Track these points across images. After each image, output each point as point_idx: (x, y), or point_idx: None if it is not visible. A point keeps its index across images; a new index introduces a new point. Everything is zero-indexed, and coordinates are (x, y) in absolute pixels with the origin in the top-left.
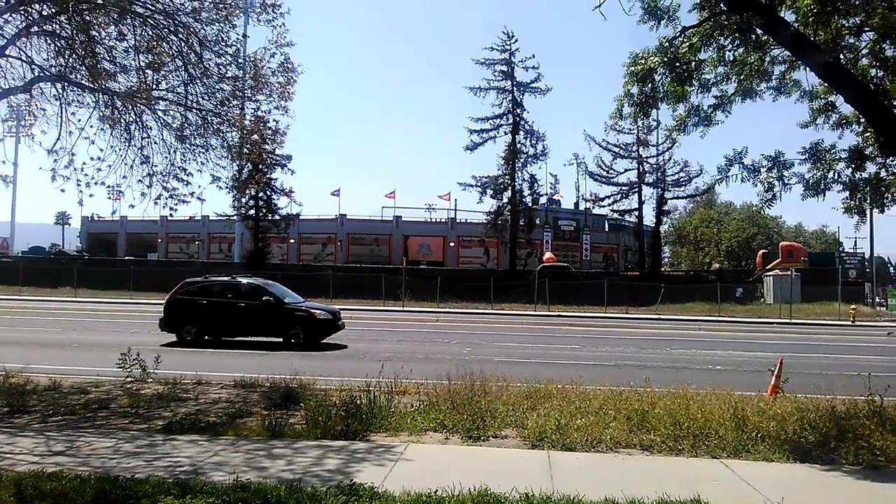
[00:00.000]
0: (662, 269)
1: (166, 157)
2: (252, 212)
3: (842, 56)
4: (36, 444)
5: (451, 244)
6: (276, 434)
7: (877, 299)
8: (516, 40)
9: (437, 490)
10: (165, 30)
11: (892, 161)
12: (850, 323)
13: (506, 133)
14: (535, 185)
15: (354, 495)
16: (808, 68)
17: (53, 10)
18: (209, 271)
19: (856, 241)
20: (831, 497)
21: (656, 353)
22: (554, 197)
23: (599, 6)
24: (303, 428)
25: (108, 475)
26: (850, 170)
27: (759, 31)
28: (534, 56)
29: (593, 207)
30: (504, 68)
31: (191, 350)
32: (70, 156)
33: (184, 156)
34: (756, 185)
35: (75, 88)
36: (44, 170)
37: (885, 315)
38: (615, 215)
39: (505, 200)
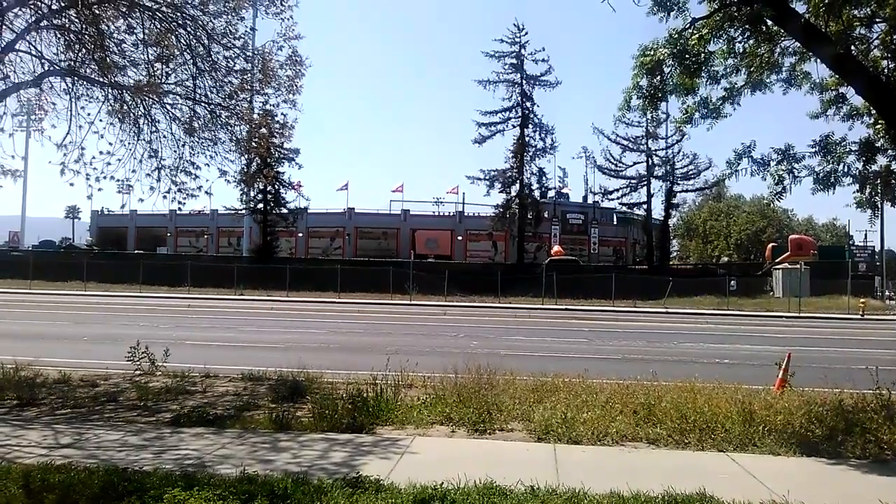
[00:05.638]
0: (671, 263)
1: (175, 151)
2: (260, 206)
3: (853, 47)
4: (44, 437)
5: (459, 238)
6: (283, 427)
7: (886, 293)
8: (526, 33)
9: (442, 483)
10: (174, 23)
11: None
12: (859, 316)
13: (514, 126)
14: (544, 178)
15: (360, 488)
16: (818, 60)
17: (63, 4)
18: (218, 265)
19: (866, 235)
20: (837, 491)
21: (664, 347)
22: (562, 190)
23: None
24: (309, 421)
25: (115, 467)
26: (861, 162)
27: (769, 23)
28: (544, 49)
29: (602, 201)
30: (514, 61)
31: (200, 343)
32: (80, 150)
33: (192, 150)
34: (765, 179)
35: (85, 82)
36: (53, 164)
37: (894, 309)
38: (624, 209)
39: (513, 194)
